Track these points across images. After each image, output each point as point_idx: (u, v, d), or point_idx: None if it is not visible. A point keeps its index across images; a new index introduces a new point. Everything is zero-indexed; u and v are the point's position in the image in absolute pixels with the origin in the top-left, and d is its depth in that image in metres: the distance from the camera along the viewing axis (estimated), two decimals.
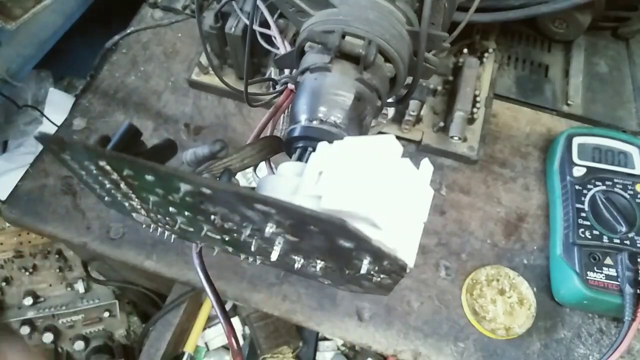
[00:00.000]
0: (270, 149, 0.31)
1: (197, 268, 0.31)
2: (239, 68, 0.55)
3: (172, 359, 0.62)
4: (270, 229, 0.21)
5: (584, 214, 0.46)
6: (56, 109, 0.82)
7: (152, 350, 0.59)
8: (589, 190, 0.47)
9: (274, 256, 0.23)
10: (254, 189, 0.26)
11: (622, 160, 0.49)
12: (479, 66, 0.55)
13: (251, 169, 0.33)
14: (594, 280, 0.43)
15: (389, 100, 0.38)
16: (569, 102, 0.58)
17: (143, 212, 0.27)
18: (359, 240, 0.19)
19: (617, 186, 0.47)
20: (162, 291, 0.73)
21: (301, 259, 0.25)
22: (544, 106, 0.58)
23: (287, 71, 0.40)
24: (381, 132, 0.53)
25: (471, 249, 0.49)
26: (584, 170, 0.48)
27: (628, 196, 0.46)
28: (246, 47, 0.43)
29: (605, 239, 0.45)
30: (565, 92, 0.59)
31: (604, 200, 0.46)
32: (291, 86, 0.36)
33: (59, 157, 0.23)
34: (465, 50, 0.56)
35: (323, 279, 0.28)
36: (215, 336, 0.68)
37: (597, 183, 0.47)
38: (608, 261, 0.44)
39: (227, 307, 0.69)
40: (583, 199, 0.47)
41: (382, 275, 0.23)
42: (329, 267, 0.24)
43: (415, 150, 0.55)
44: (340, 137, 0.27)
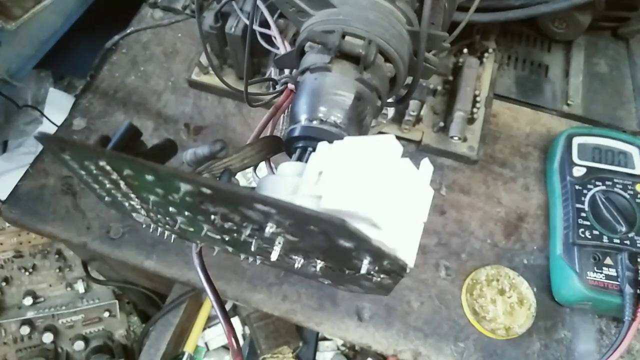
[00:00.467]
0: (270, 149, 0.31)
1: (197, 268, 0.31)
2: (239, 68, 0.55)
3: (172, 358, 0.62)
4: (270, 229, 0.21)
5: (584, 214, 0.46)
6: (56, 109, 0.82)
7: (152, 350, 0.59)
8: (589, 190, 0.47)
9: (274, 256, 0.23)
10: (254, 189, 0.26)
11: (622, 160, 0.49)
12: (479, 66, 0.55)
13: (251, 169, 0.33)
14: (594, 280, 0.43)
15: (389, 100, 0.38)
16: (569, 102, 0.58)
17: (143, 212, 0.27)
18: (359, 240, 0.19)
19: (617, 186, 0.47)
20: (162, 291, 0.73)
21: (301, 259, 0.25)
22: (544, 106, 0.58)
23: (287, 71, 0.40)
24: (381, 132, 0.53)
25: (471, 249, 0.49)
26: (584, 170, 0.48)
27: (628, 196, 0.46)
28: (246, 47, 0.43)
29: (605, 239, 0.44)
30: (565, 92, 0.59)
31: (604, 200, 0.46)
32: (291, 86, 0.36)
33: (59, 157, 0.23)
34: (465, 50, 0.56)
35: (323, 279, 0.28)
36: (215, 336, 0.68)
37: (597, 183, 0.47)
38: (608, 261, 0.44)
39: (227, 307, 0.69)
40: (583, 199, 0.47)
41: (382, 275, 0.23)
42: (329, 267, 0.24)
43: (415, 150, 0.55)
44: (340, 137, 0.27)
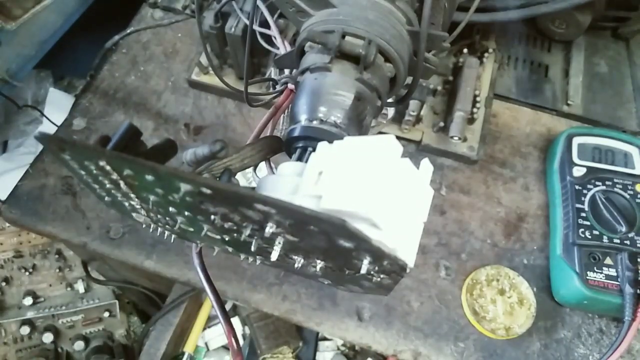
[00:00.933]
0: (270, 149, 0.31)
1: (197, 268, 0.31)
2: (239, 68, 0.55)
3: (172, 358, 0.62)
4: (270, 229, 0.21)
5: (584, 214, 0.46)
6: (56, 109, 0.82)
7: (152, 350, 0.59)
8: (589, 190, 0.47)
9: (274, 256, 0.23)
10: (254, 189, 0.26)
11: (622, 160, 0.49)
12: (479, 66, 0.54)
13: (251, 169, 0.33)
14: (594, 280, 0.43)
15: (389, 100, 0.38)
16: (569, 102, 0.58)
17: (143, 212, 0.27)
18: (359, 240, 0.19)
19: (617, 186, 0.47)
20: (162, 291, 0.73)
21: (301, 259, 0.25)
22: (544, 106, 0.58)
23: (287, 71, 0.40)
24: (381, 132, 0.53)
25: (471, 249, 0.49)
26: (584, 170, 0.48)
27: (628, 196, 0.46)
28: (246, 47, 0.43)
29: (605, 239, 0.45)
30: (565, 92, 0.59)
31: (604, 200, 0.46)
32: (291, 86, 0.36)
33: (58, 157, 0.23)
34: (465, 50, 0.56)
35: (323, 279, 0.28)
36: (215, 336, 0.68)
37: (597, 183, 0.47)
38: (608, 261, 0.44)
39: (227, 307, 0.69)
40: (583, 199, 0.47)
41: (382, 275, 0.23)
42: (329, 267, 0.24)
43: (415, 150, 0.55)
44: (340, 137, 0.27)
